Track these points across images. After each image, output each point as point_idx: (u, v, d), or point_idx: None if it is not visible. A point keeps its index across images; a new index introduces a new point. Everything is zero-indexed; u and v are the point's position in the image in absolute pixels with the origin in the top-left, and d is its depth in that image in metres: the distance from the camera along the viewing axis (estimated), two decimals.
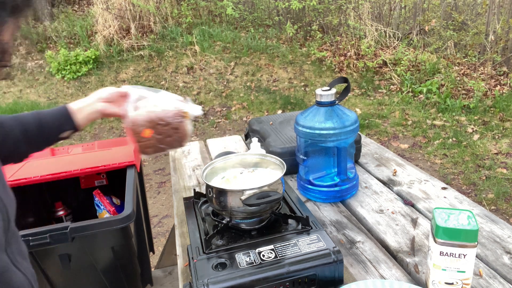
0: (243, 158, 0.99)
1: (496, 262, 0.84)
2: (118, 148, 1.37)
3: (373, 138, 3.96)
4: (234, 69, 5.39)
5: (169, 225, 2.74)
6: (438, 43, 5.70)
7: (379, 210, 1.07)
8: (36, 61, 5.65)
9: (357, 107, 4.66)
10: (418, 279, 0.81)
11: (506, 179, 3.05)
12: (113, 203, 1.36)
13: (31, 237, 0.89)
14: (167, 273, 1.62)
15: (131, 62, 5.52)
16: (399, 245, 0.92)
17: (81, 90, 5.17)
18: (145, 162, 3.80)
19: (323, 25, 6.10)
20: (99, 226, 0.92)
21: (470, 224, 0.69)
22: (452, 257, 0.70)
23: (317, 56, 5.49)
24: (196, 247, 0.79)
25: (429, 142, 3.80)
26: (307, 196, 1.16)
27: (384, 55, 5.34)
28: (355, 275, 0.83)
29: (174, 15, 6.10)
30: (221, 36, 5.77)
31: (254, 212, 0.82)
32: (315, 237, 0.79)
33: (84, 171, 1.17)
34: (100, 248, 1.01)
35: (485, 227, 0.96)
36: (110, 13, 5.81)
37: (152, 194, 3.22)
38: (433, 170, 3.33)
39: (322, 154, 1.12)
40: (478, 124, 4.01)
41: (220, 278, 0.69)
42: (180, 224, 1.09)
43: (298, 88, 5.13)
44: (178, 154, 1.65)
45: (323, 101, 1.06)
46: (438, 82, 4.75)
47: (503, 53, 5.35)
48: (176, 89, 5.15)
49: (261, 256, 0.75)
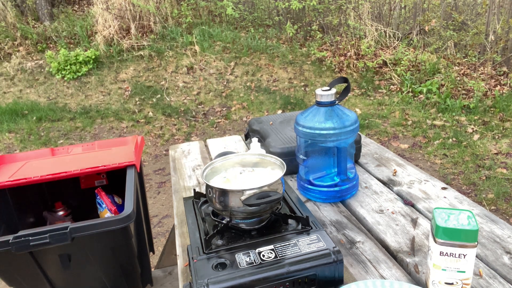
0: (243, 158, 0.99)
1: (496, 262, 0.84)
2: (118, 148, 1.37)
3: (373, 138, 3.96)
4: (234, 69, 5.39)
5: (169, 225, 2.74)
6: (438, 43, 5.70)
7: (379, 210, 1.07)
8: (36, 61, 5.65)
9: (357, 107, 4.66)
10: (418, 279, 0.81)
11: (506, 179, 3.05)
12: (115, 202, 1.36)
13: (31, 237, 0.89)
14: (167, 273, 1.62)
15: (131, 62, 5.52)
16: (399, 245, 0.92)
17: (81, 90, 5.17)
18: (145, 162, 3.80)
19: (323, 25, 6.10)
20: (99, 226, 0.92)
21: (470, 224, 0.69)
22: (452, 257, 0.70)
23: (317, 56, 5.49)
24: (196, 247, 0.79)
25: (429, 142, 3.80)
26: (307, 196, 1.16)
27: (384, 55, 5.34)
28: (355, 275, 0.83)
29: (174, 15, 6.10)
30: (221, 36, 5.77)
31: (254, 212, 0.82)
32: (315, 237, 0.79)
33: (84, 171, 1.17)
34: (100, 248, 1.01)
35: (485, 227, 0.96)
36: (110, 13, 5.81)
37: (152, 194, 3.22)
38: (433, 170, 3.33)
39: (322, 154, 1.12)
40: (478, 124, 4.01)
41: (220, 278, 0.69)
42: (180, 224, 1.09)
43: (298, 88, 5.13)
44: (178, 154, 1.65)
45: (323, 101, 1.06)
46: (438, 82, 4.75)
47: (503, 53, 5.35)
48: (176, 89, 5.15)
49: (261, 256, 0.75)
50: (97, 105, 4.94)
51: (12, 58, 5.65)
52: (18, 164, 1.29)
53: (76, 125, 4.63)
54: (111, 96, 5.07)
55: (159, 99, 4.99)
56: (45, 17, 6.36)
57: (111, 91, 5.14)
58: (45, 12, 6.37)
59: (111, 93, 5.12)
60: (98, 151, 1.36)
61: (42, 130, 4.55)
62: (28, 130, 4.52)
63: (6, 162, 1.33)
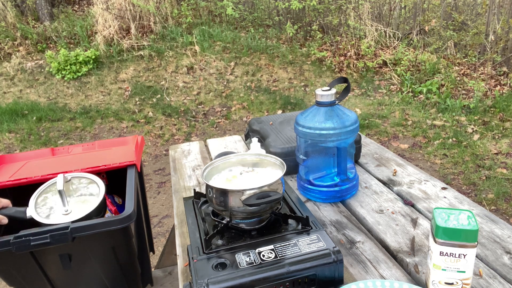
0: (243, 158, 0.99)
1: (496, 262, 0.84)
2: (118, 148, 1.37)
3: (373, 138, 3.96)
4: (234, 69, 5.39)
5: (169, 225, 2.74)
6: (438, 43, 5.70)
7: (379, 210, 1.07)
8: (36, 61, 5.65)
9: (357, 107, 4.66)
10: (418, 279, 0.81)
11: (506, 179, 3.05)
12: (115, 202, 1.36)
13: (31, 237, 0.89)
14: (167, 273, 1.62)
15: (131, 62, 5.52)
16: (399, 245, 0.92)
17: (81, 90, 5.17)
18: (145, 162, 3.80)
19: (323, 25, 6.10)
20: (99, 226, 0.92)
21: (470, 224, 0.69)
22: (452, 257, 0.70)
23: (317, 56, 5.49)
24: (196, 247, 0.79)
25: (429, 142, 3.80)
26: (307, 196, 1.16)
27: (384, 55, 5.34)
28: (355, 275, 0.83)
29: (174, 15, 6.10)
30: (221, 36, 5.77)
31: (254, 212, 0.82)
32: (315, 237, 0.79)
33: (84, 171, 1.17)
34: (100, 248, 1.01)
35: (485, 227, 0.96)
36: (110, 13, 5.81)
37: (152, 194, 3.22)
38: (433, 170, 3.33)
39: (322, 154, 1.12)
40: (478, 124, 4.01)
41: (220, 278, 0.69)
42: (180, 224, 1.09)
43: (298, 88, 5.13)
44: (178, 154, 1.65)
45: (323, 101, 1.06)
46: (438, 82, 4.75)
47: (503, 53, 5.35)
48: (176, 89, 5.15)
49: (261, 256, 0.75)
50: (97, 105, 4.94)
51: (12, 58, 5.65)
52: (18, 164, 1.29)
53: (76, 125, 4.63)
54: (111, 96, 5.07)
55: (159, 99, 4.99)
56: (45, 17, 6.36)
57: (111, 91, 5.14)
58: (45, 12, 6.37)
59: (111, 93, 5.12)
60: (98, 151, 1.36)
61: (42, 130, 4.55)
62: (28, 130, 4.52)
63: (6, 162, 1.33)
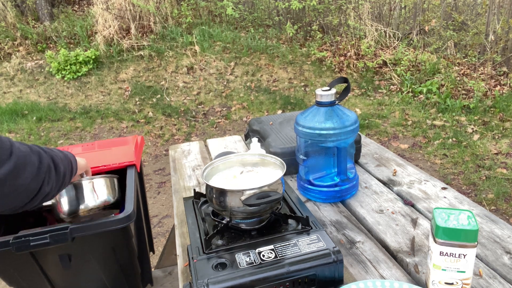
0: (243, 158, 0.99)
1: (496, 262, 0.84)
2: (118, 148, 1.37)
3: (373, 138, 3.96)
4: (234, 69, 5.39)
5: (169, 225, 2.74)
6: (438, 43, 5.70)
7: (379, 210, 1.07)
8: (36, 61, 5.65)
9: (357, 107, 4.66)
10: (418, 279, 0.81)
11: (506, 179, 3.05)
12: None
13: (31, 237, 0.89)
14: (167, 273, 1.62)
15: (131, 62, 5.52)
16: (399, 245, 0.92)
17: (81, 90, 5.17)
18: (145, 162, 3.80)
19: (323, 25, 6.10)
20: (99, 226, 0.92)
21: (470, 224, 0.69)
22: (452, 257, 0.70)
23: (317, 56, 5.49)
24: (196, 247, 0.79)
25: (429, 142, 3.80)
26: (307, 196, 1.16)
27: (384, 55, 5.34)
28: (355, 275, 0.83)
29: (174, 15, 6.10)
30: (221, 36, 5.77)
31: (254, 212, 0.82)
32: (315, 237, 0.79)
33: None
34: (100, 248, 1.01)
35: (485, 227, 0.96)
36: (110, 13, 5.81)
37: (152, 194, 3.22)
38: (433, 170, 3.33)
39: (322, 154, 1.12)
40: (478, 124, 4.01)
41: (220, 278, 0.69)
42: (180, 224, 1.09)
43: (298, 88, 5.13)
44: (178, 154, 1.65)
45: (323, 101, 1.06)
46: (438, 82, 4.75)
47: (503, 53, 5.35)
48: (176, 89, 5.15)
49: (261, 256, 0.75)
50: (97, 105, 4.94)
51: (12, 58, 5.65)
52: None
53: (76, 125, 4.63)
54: (111, 96, 5.07)
55: (159, 99, 4.99)
56: (45, 17, 6.36)
57: (111, 91, 5.14)
58: (45, 12, 6.37)
59: (111, 93, 5.12)
60: (98, 151, 1.36)
61: (42, 130, 4.55)
62: (28, 130, 4.52)
63: None
